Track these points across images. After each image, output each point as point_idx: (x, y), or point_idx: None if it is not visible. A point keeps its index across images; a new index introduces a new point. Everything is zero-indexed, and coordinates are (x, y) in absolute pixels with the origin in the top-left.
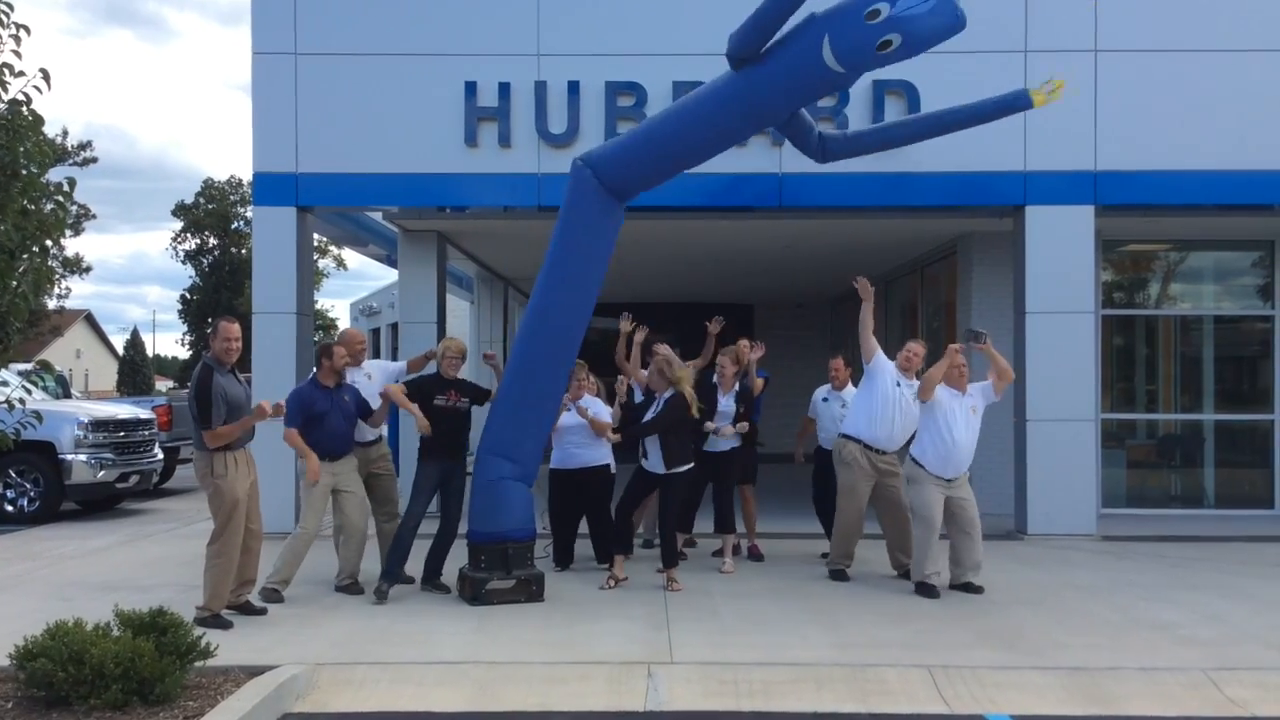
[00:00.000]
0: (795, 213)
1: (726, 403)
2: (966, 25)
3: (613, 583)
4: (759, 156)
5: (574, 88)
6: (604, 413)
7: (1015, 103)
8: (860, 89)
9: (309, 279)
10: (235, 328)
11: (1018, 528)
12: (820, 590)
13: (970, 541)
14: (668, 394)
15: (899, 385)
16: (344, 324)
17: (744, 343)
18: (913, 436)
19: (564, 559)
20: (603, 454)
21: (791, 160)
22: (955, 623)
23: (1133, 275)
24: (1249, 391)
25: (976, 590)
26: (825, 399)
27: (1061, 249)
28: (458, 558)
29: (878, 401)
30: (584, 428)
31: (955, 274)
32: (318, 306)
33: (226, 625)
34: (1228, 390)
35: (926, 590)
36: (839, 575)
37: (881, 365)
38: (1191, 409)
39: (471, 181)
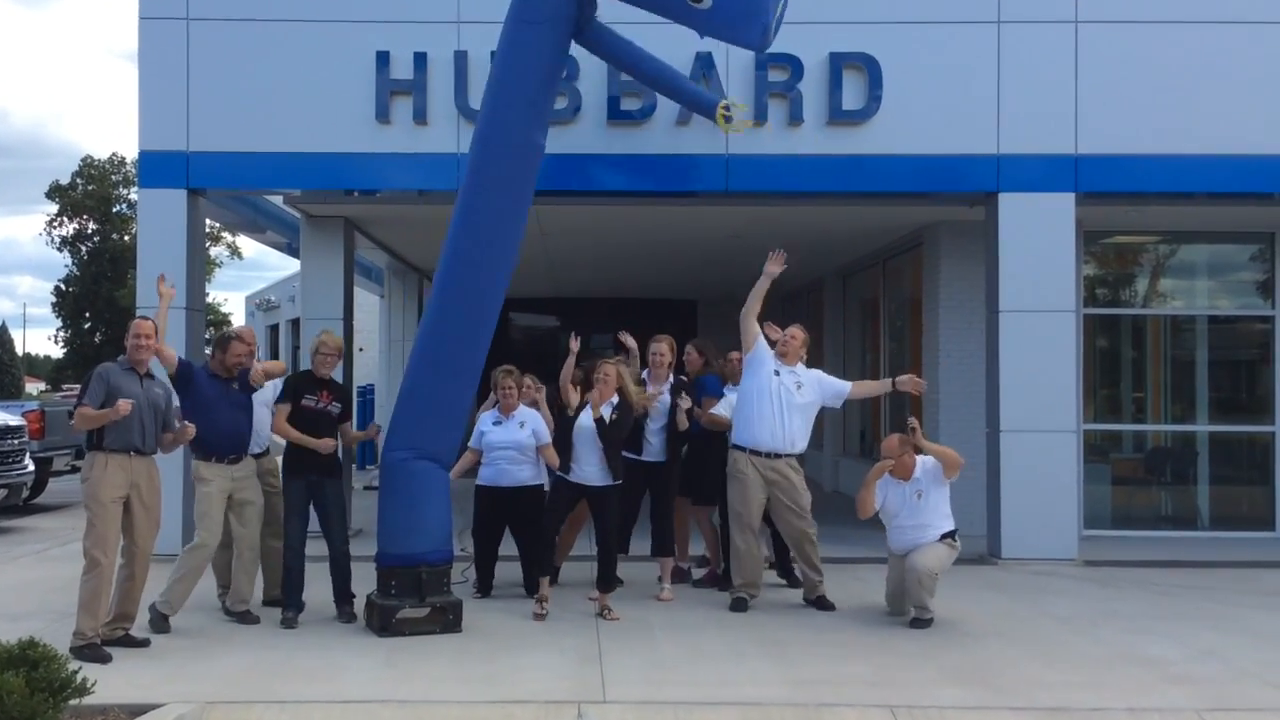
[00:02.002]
0: (743, 199)
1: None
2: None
3: (541, 607)
4: (703, 137)
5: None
6: (544, 431)
7: (707, 107)
8: (816, 62)
9: (200, 270)
10: (147, 325)
11: (990, 551)
12: (771, 620)
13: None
14: (614, 399)
15: (778, 374)
16: (239, 320)
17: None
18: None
19: (486, 584)
20: (539, 472)
21: (740, 141)
22: (922, 657)
23: (1118, 270)
24: (1247, 400)
25: (925, 625)
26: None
27: (1039, 241)
28: (367, 582)
29: (754, 397)
30: (518, 444)
31: (921, 268)
32: (210, 300)
33: (106, 658)
34: (1223, 399)
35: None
36: (740, 605)
37: (761, 356)
38: (1183, 419)
39: (383, 162)
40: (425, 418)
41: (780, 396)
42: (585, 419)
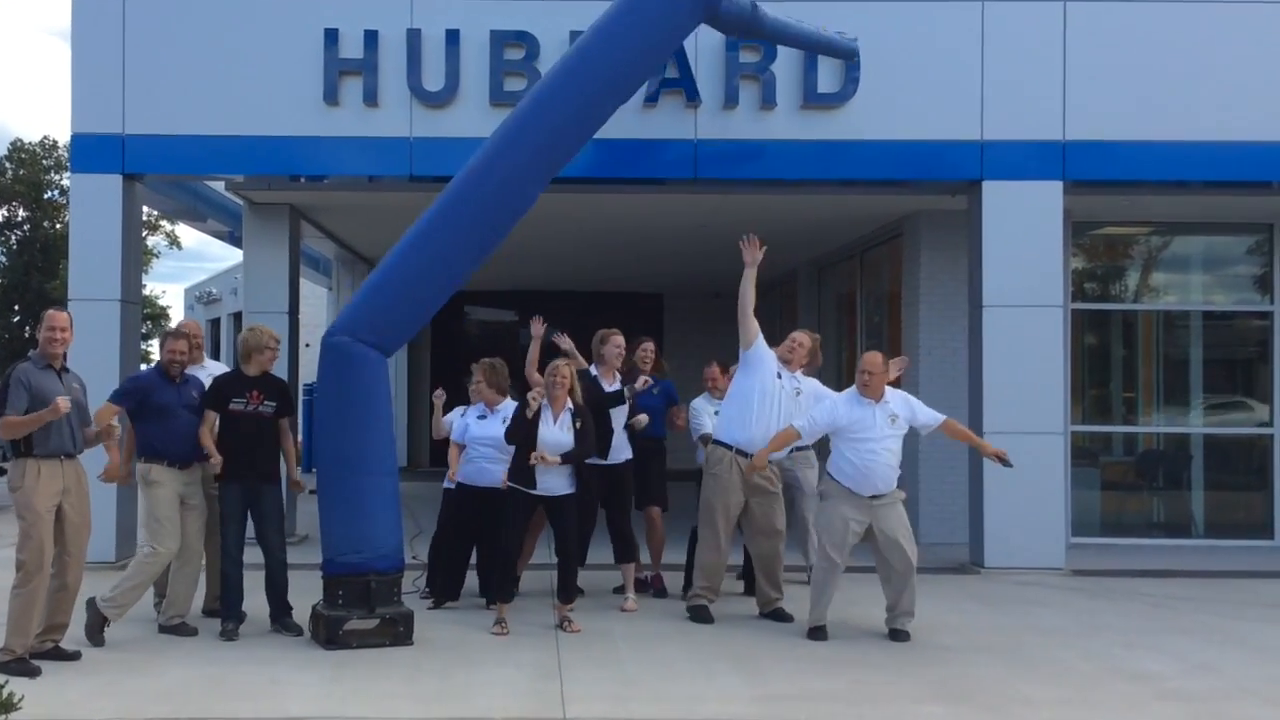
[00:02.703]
0: (712, 186)
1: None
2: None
3: (503, 628)
4: (670, 120)
5: (453, 37)
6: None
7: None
8: None
9: (137, 260)
10: (62, 317)
11: (973, 560)
12: (740, 632)
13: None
14: (570, 407)
15: (780, 378)
16: (177, 313)
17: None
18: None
19: (454, 592)
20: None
21: (709, 124)
22: (899, 672)
23: (1108, 263)
24: (1244, 400)
25: (904, 638)
26: (718, 411)
27: (1024, 232)
28: (313, 592)
29: (755, 397)
30: (500, 441)
31: (900, 260)
32: (147, 292)
33: (34, 672)
34: (1219, 399)
35: (817, 634)
36: (700, 613)
37: (762, 354)
38: (1177, 420)
39: (331, 146)
40: (391, 307)
41: (781, 400)
42: (549, 433)
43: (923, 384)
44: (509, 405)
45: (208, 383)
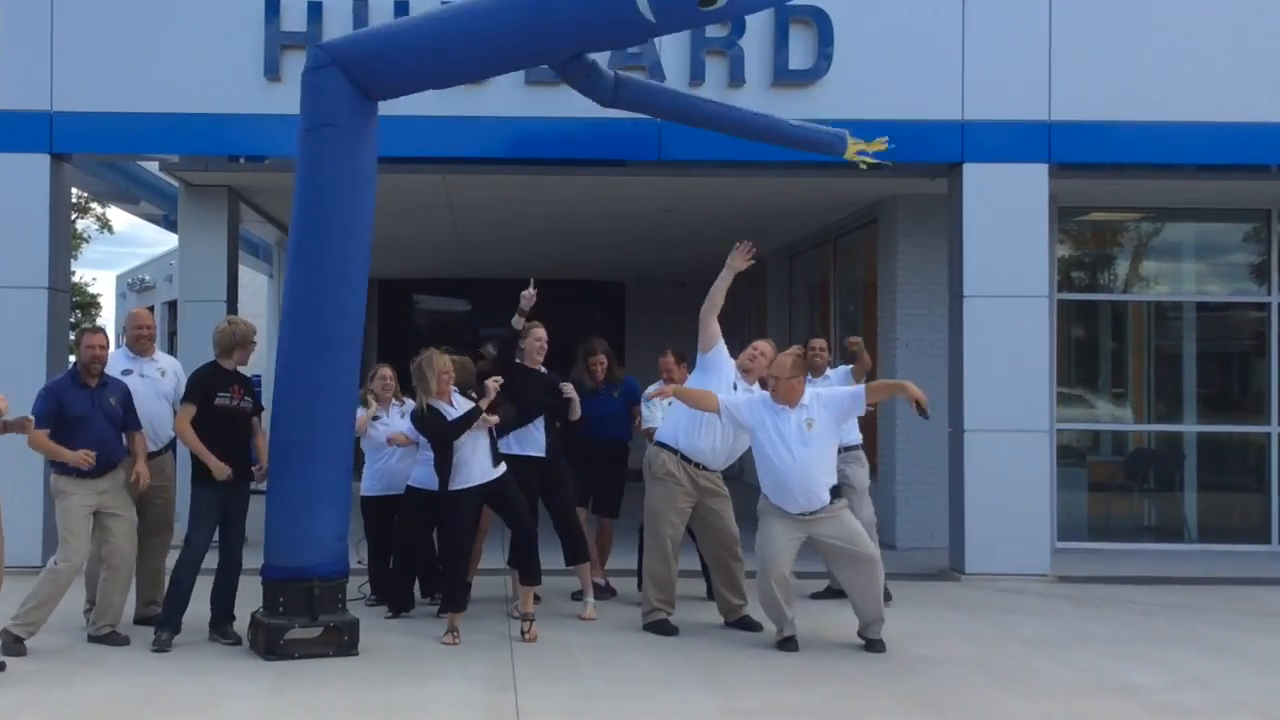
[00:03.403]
0: (678, 169)
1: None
2: None
3: (454, 638)
4: None
5: (403, 8)
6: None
7: (831, 144)
8: (759, 16)
9: (65, 245)
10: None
11: (953, 566)
12: (705, 643)
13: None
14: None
15: (735, 388)
16: (108, 301)
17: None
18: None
19: (407, 603)
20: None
21: None
22: (875, 685)
23: (1096, 251)
24: (1240, 396)
25: (880, 648)
26: (671, 403)
27: (1008, 218)
28: (252, 598)
29: None
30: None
31: (876, 247)
32: (76, 279)
33: None
34: (1214, 395)
35: (787, 645)
36: (660, 627)
37: (720, 360)
38: (1169, 418)
39: (272, 124)
40: (308, 417)
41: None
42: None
43: (899, 378)
44: (457, 400)
45: (153, 376)
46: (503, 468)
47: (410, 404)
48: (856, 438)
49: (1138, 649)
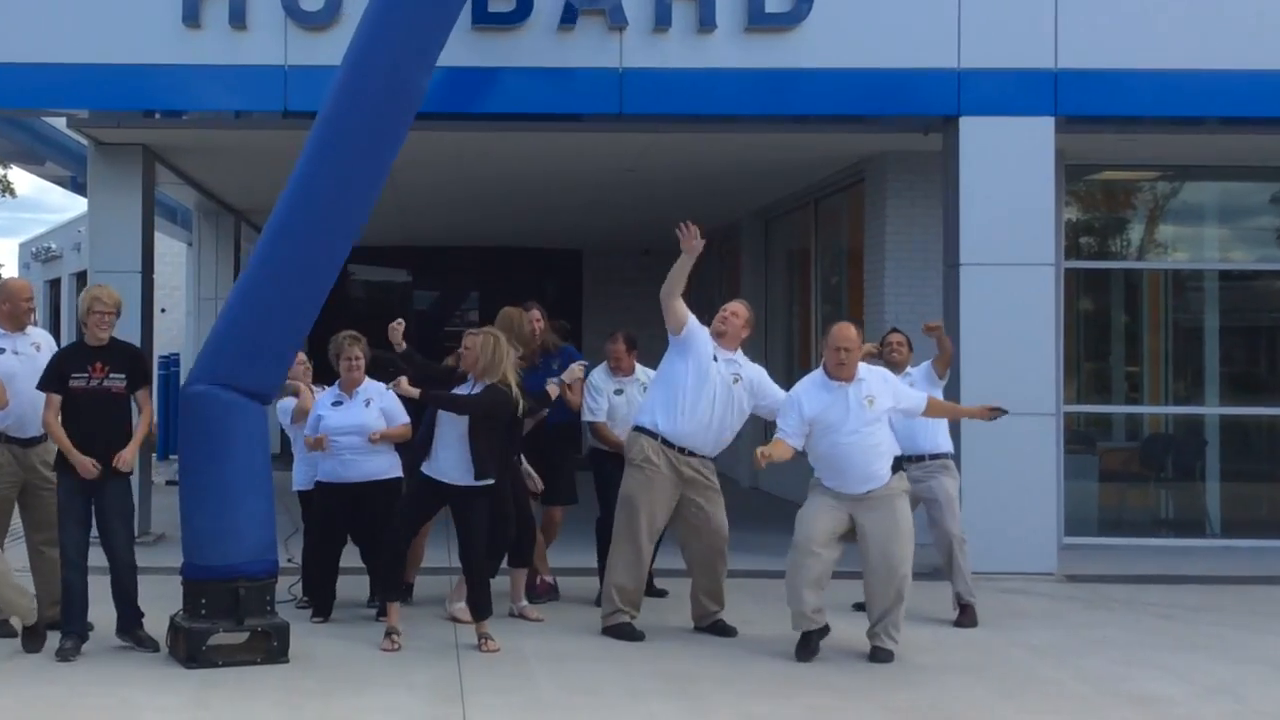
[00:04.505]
0: (641, 123)
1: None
2: None
3: (394, 642)
4: (591, 46)
5: None
6: (398, 410)
7: None
8: None
9: None
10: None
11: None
12: (673, 648)
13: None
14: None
15: (716, 360)
16: (9, 271)
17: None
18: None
19: (324, 605)
20: (394, 463)
21: (637, 50)
22: (863, 695)
23: (1107, 214)
24: (1268, 376)
25: (884, 657)
26: (619, 391)
27: (1009, 177)
28: (171, 600)
29: (689, 381)
30: (363, 429)
31: (862, 210)
32: None
33: None
34: (1239, 374)
35: (804, 649)
36: (622, 631)
37: (695, 336)
38: (1188, 399)
39: (191, 76)
40: (245, 357)
41: (717, 389)
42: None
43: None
44: (371, 386)
45: (28, 352)
46: (469, 480)
47: (331, 390)
48: (947, 446)
49: (1154, 656)
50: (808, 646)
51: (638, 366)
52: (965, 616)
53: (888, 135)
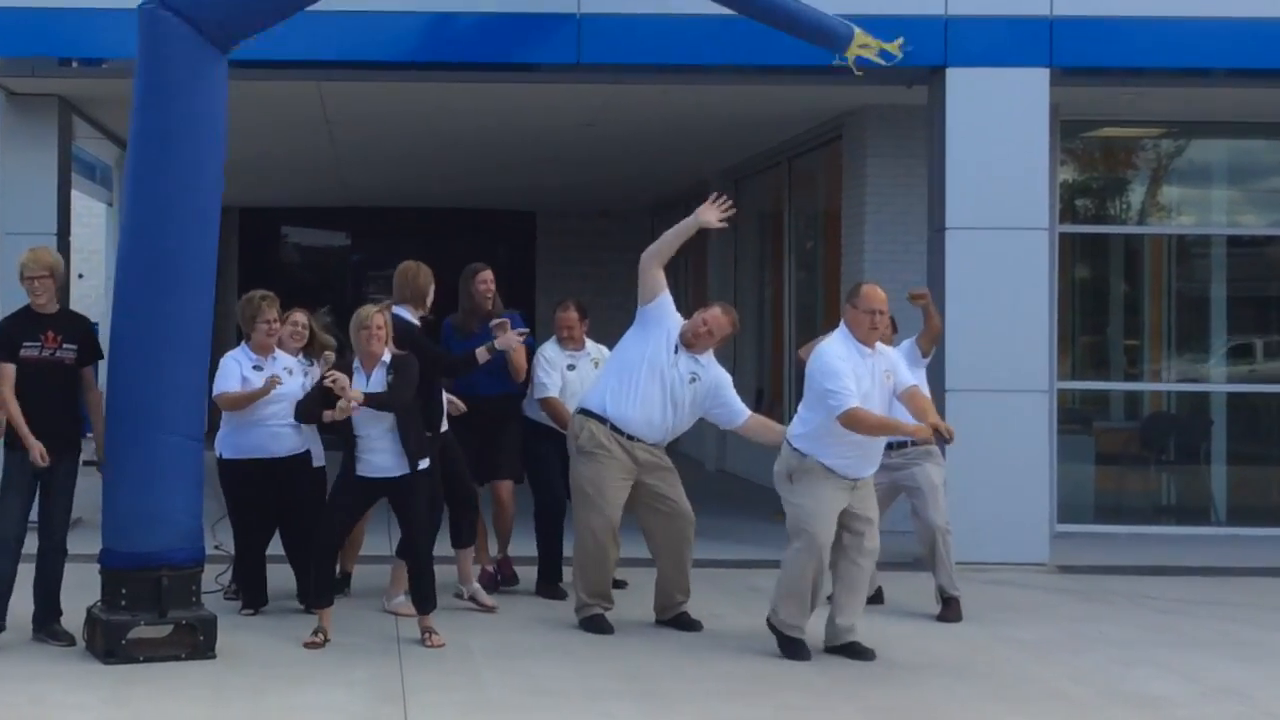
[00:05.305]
0: (600, 74)
1: None
2: None
3: (320, 638)
4: None
5: None
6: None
7: (836, 35)
8: None
9: None
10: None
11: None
12: (635, 643)
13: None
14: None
15: (676, 351)
16: None
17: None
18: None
19: (257, 596)
20: (318, 451)
21: None
22: (838, 696)
23: (1106, 175)
24: (1279, 349)
25: (864, 655)
26: (572, 366)
27: (1000, 134)
28: (89, 590)
29: (638, 366)
30: (290, 397)
31: (840, 169)
32: None
33: None
34: (1247, 348)
35: (792, 648)
36: (595, 624)
37: (662, 314)
38: (1193, 375)
39: (111, 20)
40: (149, 372)
41: (672, 384)
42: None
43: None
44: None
45: None
46: (406, 469)
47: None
48: None
49: (1155, 653)
50: (802, 647)
51: (588, 341)
52: (949, 611)
53: (868, 88)
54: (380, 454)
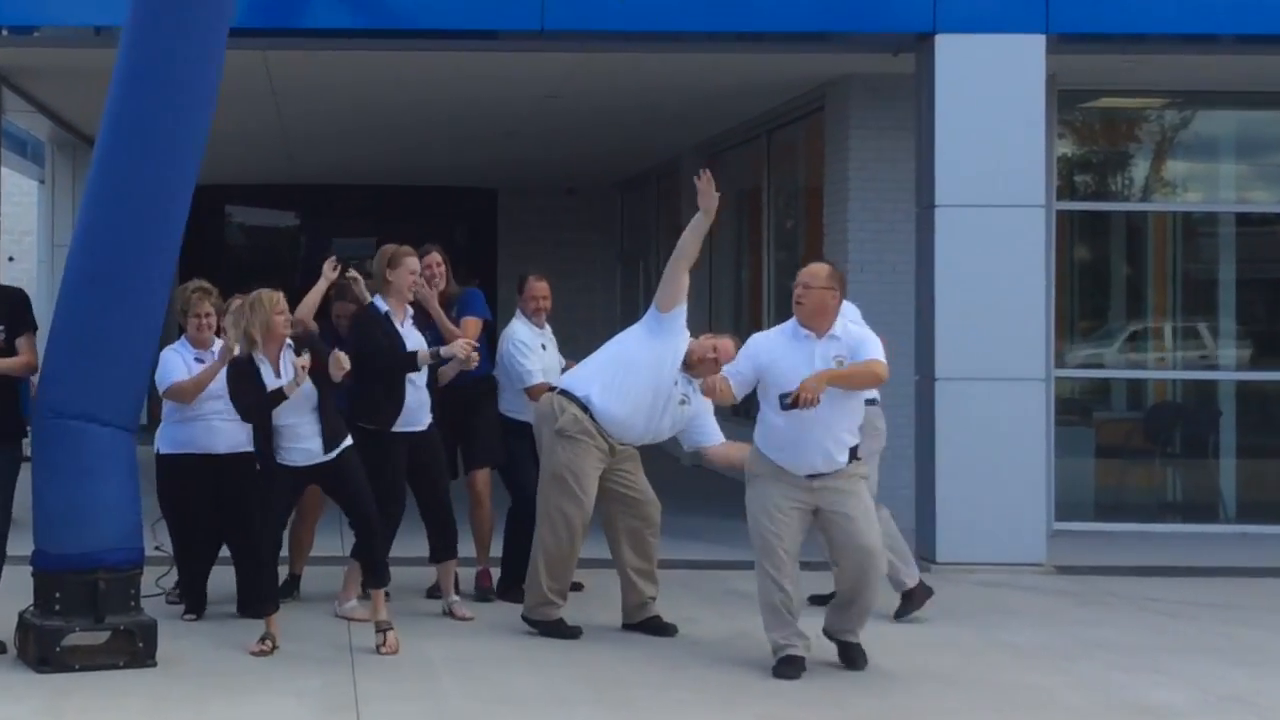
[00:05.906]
0: (566, 41)
1: None
2: None
3: (269, 645)
4: None
5: None
6: None
7: None
8: None
9: None
10: None
11: (922, 553)
12: (604, 650)
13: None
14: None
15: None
16: None
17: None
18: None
19: (197, 600)
20: (249, 434)
21: None
22: (823, 705)
23: (1107, 148)
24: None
25: (855, 663)
26: (544, 345)
27: (993, 105)
28: (20, 594)
29: (644, 372)
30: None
31: (822, 143)
32: None
33: None
34: (1258, 333)
35: (780, 668)
36: (558, 629)
37: (678, 328)
38: (1199, 363)
39: None
40: (90, 362)
41: (667, 400)
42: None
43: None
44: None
45: None
46: (334, 449)
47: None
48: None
49: (1159, 659)
50: (797, 666)
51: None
52: (909, 603)
53: (852, 56)
54: (307, 439)
